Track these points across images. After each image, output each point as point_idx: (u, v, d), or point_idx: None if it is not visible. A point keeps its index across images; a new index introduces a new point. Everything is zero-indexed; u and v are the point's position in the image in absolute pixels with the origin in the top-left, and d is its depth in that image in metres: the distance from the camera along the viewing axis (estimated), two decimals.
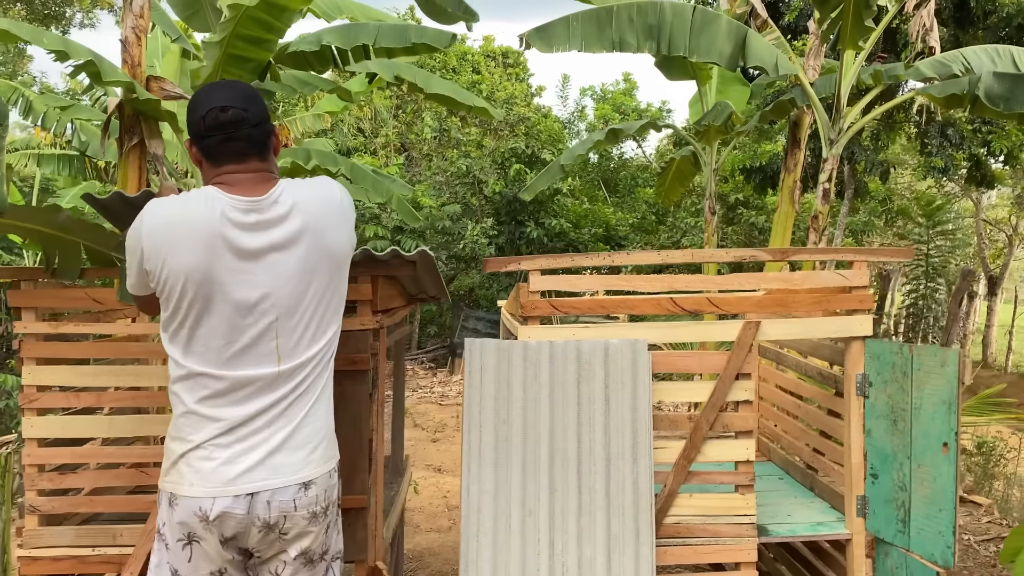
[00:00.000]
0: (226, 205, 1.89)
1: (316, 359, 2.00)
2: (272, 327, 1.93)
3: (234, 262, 1.88)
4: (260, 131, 1.98)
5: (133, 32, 5.83)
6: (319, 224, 1.97)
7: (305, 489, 1.95)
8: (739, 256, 2.92)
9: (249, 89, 2.00)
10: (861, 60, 6.45)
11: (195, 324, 1.90)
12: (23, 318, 2.73)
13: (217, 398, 1.91)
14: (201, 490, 1.88)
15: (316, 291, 1.98)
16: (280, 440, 1.93)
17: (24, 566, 2.72)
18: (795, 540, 3.05)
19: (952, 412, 2.57)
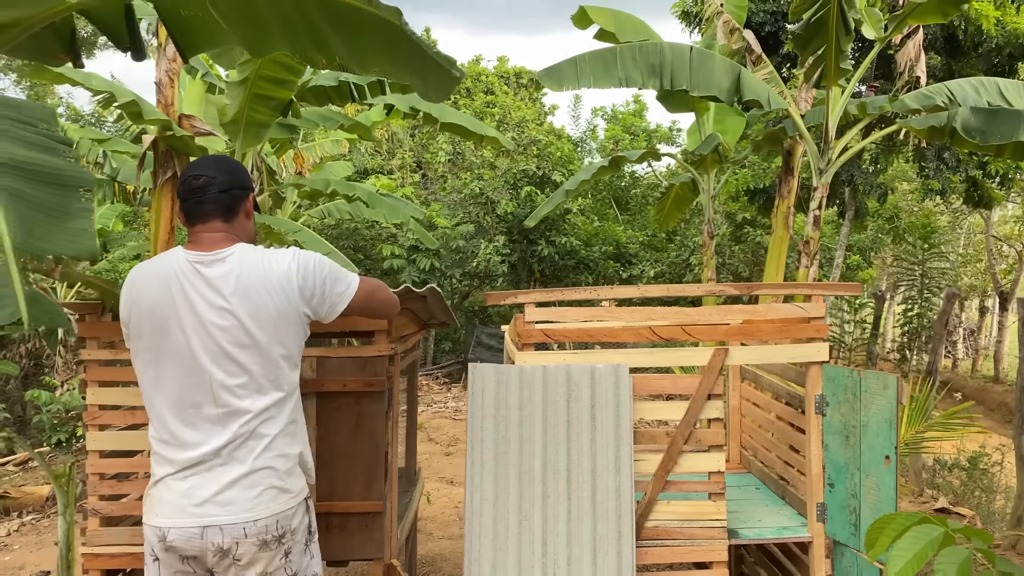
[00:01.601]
0: (182, 258, 2.20)
1: (264, 410, 2.22)
2: (207, 373, 2.17)
3: (180, 310, 2.16)
4: (226, 196, 2.25)
5: (167, 75, 6.28)
6: (248, 289, 2.18)
7: (255, 521, 2.18)
8: (709, 291, 3.31)
9: (228, 163, 2.31)
10: (848, 95, 6.83)
11: (154, 364, 2.22)
12: (87, 346, 3.15)
13: (170, 439, 2.22)
14: (162, 520, 2.18)
15: (252, 350, 2.19)
16: (231, 479, 2.16)
17: (87, 561, 3.13)
18: (763, 542, 3.42)
19: (892, 429, 2.93)
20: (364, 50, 2.28)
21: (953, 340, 21.97)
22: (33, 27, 2.34)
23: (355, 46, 2.28)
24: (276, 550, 2.21)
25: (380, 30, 2.17)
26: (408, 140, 18.47)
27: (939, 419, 5.43)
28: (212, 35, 2.64)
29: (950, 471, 7.07)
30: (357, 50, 2.29)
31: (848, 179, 11.22)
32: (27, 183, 1.42)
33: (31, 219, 1.36)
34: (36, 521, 6.66)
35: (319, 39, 2.39)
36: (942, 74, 9.75)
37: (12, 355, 13.14)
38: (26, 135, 1.56)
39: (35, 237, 1.33)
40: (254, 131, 6.64)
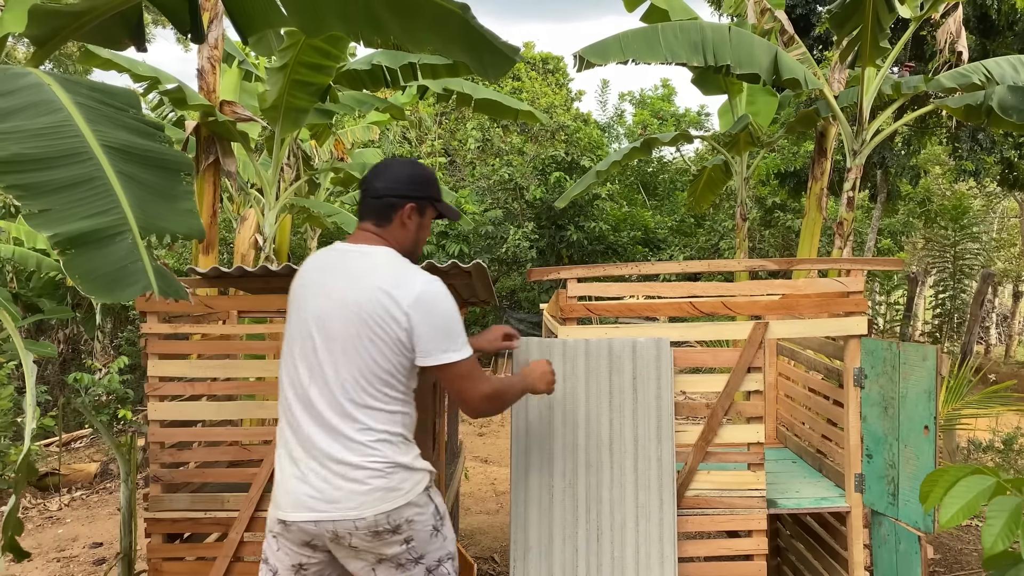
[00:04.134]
0: (330, 249, 2.38)
1: (371, 408, 2.21)
2: (321, 364, 2.22)
3: (312, 288, 2.30)
4: (379, 203, 2.35)
5: (209, 62, 6.42)
6: (359, 294, 2.20)
7: (363, 518, 2.17)
8: (750, 266, 3.37)
9: (398, 171, 2.39)
10: (883, 74, 6.80)
11: (286, 343, 2.33)
12: (148, 320, 3.29)
13: (289, 423, 2.28)
14: (281, 505, 2.24)
15: (361, 351, 2.20)
16: (340, 472, 2.17)
17: (149, 526, 3.28)
18: (801, 512, 3.49)
19: (931, 400, 2.99)
20: (419, 29, 2.37)
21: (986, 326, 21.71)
22: (105, 14, 2.46)
23: (411, 26, 2.36)
24: (391, 538, 2.21)
25: (437, 12, 2.26)
26: (436, 128, 18.57)
27: (977, 397, 5.44)
28: (268, 15, 2.75)
29: (984, 452, 7.06)
30: (412, 29, 2.38)
31: (880, 162, 11.15)
32: (138, 167, 1.53)
33: (147, 201, 1.47)
34: (86, 496, 6.89)
35: (374, 19, 2.47)
36: (976, 54, 9.62)
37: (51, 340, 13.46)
38: (126, 120, 1.67)
39: (153, 217, 1.44)
40: (293, 117, 6.77)
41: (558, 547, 3.18)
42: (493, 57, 2.38)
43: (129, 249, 1.36)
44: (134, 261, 1.35)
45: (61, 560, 5.25)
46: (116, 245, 1.36)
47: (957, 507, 1.57)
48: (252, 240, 7.39)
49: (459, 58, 2.47)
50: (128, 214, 1.40)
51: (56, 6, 2.24)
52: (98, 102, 1.67)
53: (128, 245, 1.37)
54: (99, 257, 1.35)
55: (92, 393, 8.80)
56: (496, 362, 14.39)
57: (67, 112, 1.58)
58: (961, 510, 1.56)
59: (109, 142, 1.55)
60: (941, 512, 1.69)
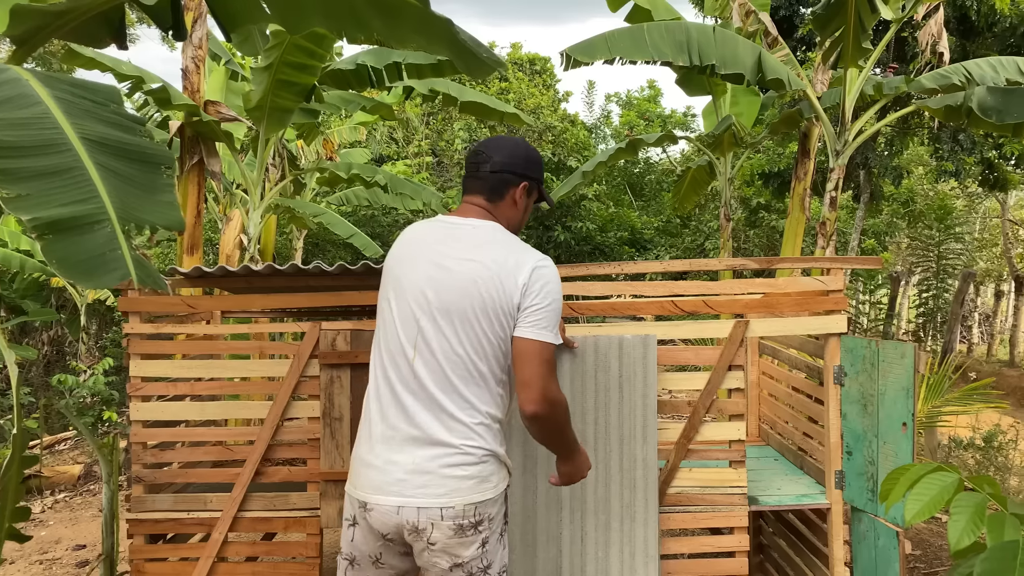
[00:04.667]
0: (436, 221, 2.27)
1: (479, 387, 2.13)
2: (427, 338, 2.12)
3: (418, 261, 2.17)
4: (495, 177, 2.26)
5: (193, 62, 6.40)
6: (474, 268, 2.12)
7: (452, 507, 2.08)
8: (731, 265, 3.40)
9: (515, 148, 2.31)
10: (865, 75, 6.86)
11: (386, 318, 2.22)
12: (130, 320, 3.29)
13: (381, 400, 2.18)
14: (361, 486, 2.15)
15: (474, 325, 2.11)
16: (435, 455, 2.08)
17: (131, 527, 3.28)
18: (782, 509, 3.53)
19: (909, 397, 3.03)
20: (403, 28, 2.38)
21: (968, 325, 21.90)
22: (87, 13, 2.46)
23: (395, 24, 2.37)
24: (471, 537, 2.12)
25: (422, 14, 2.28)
26: (423, 128, 18.55)
27: (957, 395, 5.50)
28: (250, 12, 2.74)
29: (965, 450, 7.13)
30: (396, 28, 2.39)
31: (863, 162, 11.24)
32: (118, 160, 1.54)
33: (126, 192, 1.48)
34: (69, 498, 6.85)
35: (358, 16, 2.48)
36: (956, 55, 9.71)
37: (34, 342, 13.36)
38: (106, 115, 1.68)
39: (132, 208, 1.45)
40: (278, 116, 6.76)
41: (542, 546, 3.19)
42: (478, 61, 2.40)
43: (108, 237, 1.38)
44: (113, 249, 1.36)
45: (44, 563, 5.22)
46: (95, 233, 1.38)
47: (921, 504, 1.60)
48: (237, 240, 7.37)
49: (443, 55, 2.48)
50: (107, 203, 1.41)
51: (38, 5, 2.24)
52: (78, 97, 1.68)
53: (107, 233, 1.38)
54: (78, 244, 1.36)
55: (76, 395, 8.74)
56: None
57: (45, 106, 1.59)
58: (925, 506, 1.59)
59: (88, 135, 1.56)
60: (905, 509, 1.72)
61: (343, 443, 3.25)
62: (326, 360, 3.24)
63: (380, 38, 2.49)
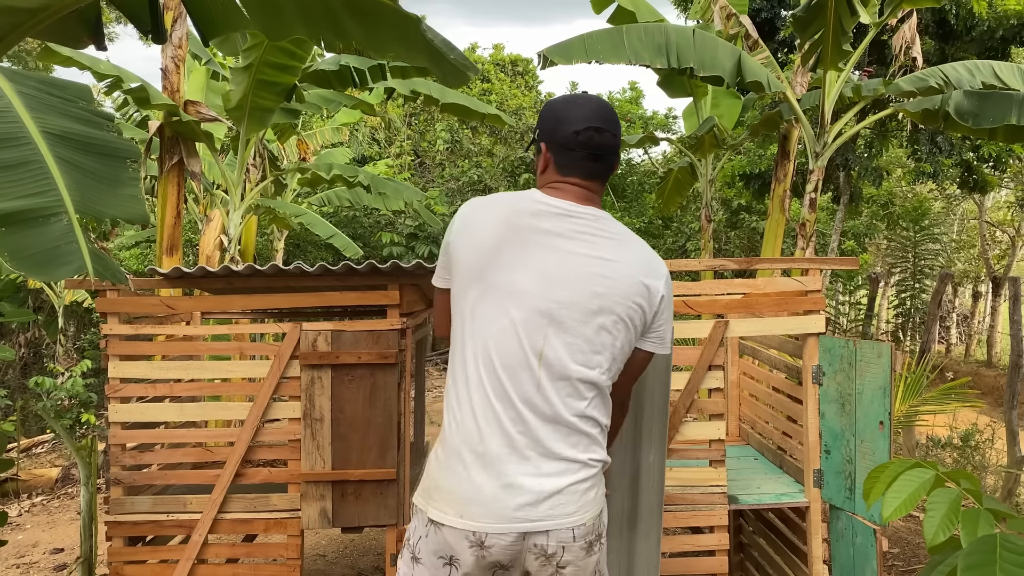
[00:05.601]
0: (540, 204, 1.89)
1: (602, 397, 1.90)
2: (540, 334, 1.83)
3: (524, 247, 1.84)
4: (617, 156, 1.99)
5: (173, 61, 6.37)
6: (617, 272, 1.85)
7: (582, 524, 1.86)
8: (711, 266, 3.42)
9: (612, 110, 1.97)
10: (844, 78, 6.93)
11: (486, 313, 1.88)
12: (108, 321, 3.26)
13: (482, 408, 1.87)
14: (472, 515, 1.82)
15: (595, 324, 1.84)
16: (559, 470, 1.84)
17: (109, 529, 3.25)
18: (762, 508, 3.55)
19: (886, 395, 3.06)
20: (382, 36, 2.38)
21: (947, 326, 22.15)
22: (62, 11, 2.44)
23: (373, 32, 2.37)
24: (597, 552, 1.93)
25: (398, 19, 2.28)
26: (405, 128, 18.52)
27: (934, 394, 5.56)
28: (230, 19, 2.74)
29: (943, 449, 7.22)
30: (375, 36, 2.39)
31: (843, 163, 11.35)
32: (80, 154, 1.54)
33: (87, 186, 1.47)
34: (46, 502, 6.78)
35: (336, 24, 2.48)
36: (935, 59, 9.84)
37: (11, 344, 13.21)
38: (73, 110, 1.67)
39: (92, 201, 1.45)
40: (259, 116, 6.74)
41: None
42: (451, 67, 2.40)
43: (64, 230, 1.37)
44: (68, 242, 1.35)
45: (21, 567, 5.16)
46: (51, 226, 1.37)
47: (899, 500, 1.61)
48: (217, 241, 7.33)
49: (421, 64, 2.49)
50: (65, 196, 1.40)
51: (11, 2, 2.22)
52: (44, 93, 1.67)
53: (63, 226, 1.37)
54: (32, 236, 1.35)
55: (54, 397, 8.65)
56: None
57: (7, 100, 1.58)
58: (903, 503, 1.61)
59: (50, 128, 1.55)
60: (884, 506, 1.73)
61: (323, 444, 3.24)
62: (307, 361, 3.23)
63: (359, 46, 2.49)
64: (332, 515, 3.27)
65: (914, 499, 1.70)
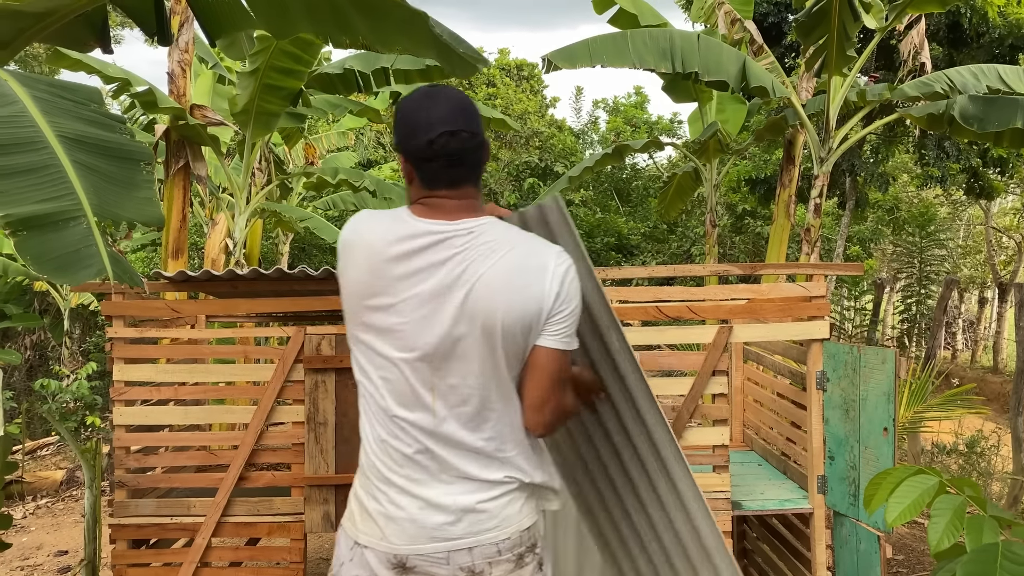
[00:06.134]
0: (409, 237, 1.76)
1: (492, 414, 1.79)
2: (427, 371, 1.76)
3: (392, 289, 1.75)
4: (482, 153, 1.83)
5: (179, 65, 6.40)
6: (486, 288, 1.72)
7: (507, 537, 1.79)
8: (715, 271, 3.42)
9: (468, 102, 1.83)
10: (849, 84, 6.92)
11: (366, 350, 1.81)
12: (113, 324, 3.27)
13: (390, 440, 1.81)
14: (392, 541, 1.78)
15: (480, 349, 1.74)
16: (468, 504, 1.78)
17: (113, 532, 3.26)
18: (765, 513, 3.54)
19: (890, 402, 3.05)
20: (387, 30, 2.39)
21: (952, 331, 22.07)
22: (68, 16, 2.45)
23: (378, 26, 2.38)
24: (531, 562, 1.83)
25: (403, 13, 2.28)
26: None
27: (939, 400, 5.55)
28: (236, 18, 2.75)
29: (948, 455, 7.19)
30: (380, 30, 2.40)
31: (849, 169, 11.31)
32: (95, 157, 1.54)
33: (103, 189, 1.48)
34: (51, 504, 6.79)
35: (342, 19, 2.49)
36: (944, 64, 9.80)
37: (17, 347, 13.25)
38: (85, 113, 1.68)
39: (109, 204, 1.45)
40: (264, 120, 6.75)
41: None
42: (459, 59, 2.41)
43: (83, 234, 1.37)
44: (88, 245, 1.36)
45: (25, 568, 5.17)
46: (70, 229, 1.37)
47: (903, 507, 1.61)
48: (223, 245, 7.35)
49: (428, 56, 2.49)
50: (83, 200, 1.41)
51: (17, 6, 2.23)
52: (57, 96, 1.68)
53: (82, 230, 1.38)
54: (52, 240, 1.36)
55: (59, 400, 8.68)
56: None
57: (22, 104, 1.59)
58: (906, 509, 1.61)
59: (65, 132, 1.56)
60: (887, 512, 1.73)
61: (327, 448, 3.24)
62: (311, 364, 3.23)
63: (365, 41, 2.49)
64: (335, 519, 3.27)
65: (918, 506, 1.70)
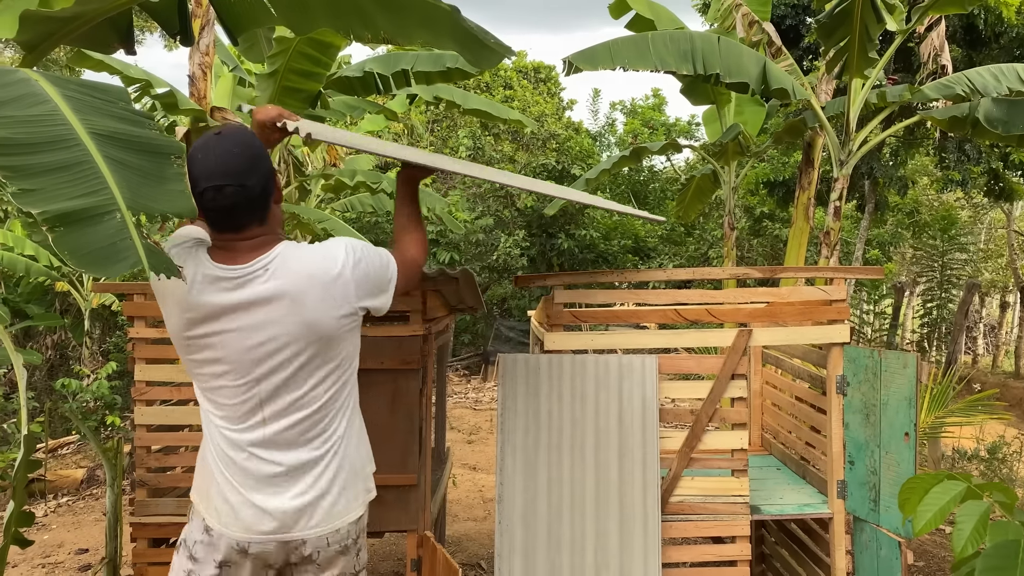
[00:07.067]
0: (210, 287, 1.94)
1: (309, 421, 2.06)
2: (248, 388, 1.99)
3: (209, 324, 1.95)
4: (260, 200, 1.97)
5: (200, 68, 6.45)
6: (299, 296, 1.97)
7: (336, 531, 2.10)
8: (733, 274, 3.41)
9: (243, 149, 1.94)
10: (869, 85, 6.87)
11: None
12: (135, 325, 3.30)
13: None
14: (237, 532, 2.04)
15: (295, 360, 2.00)
16: (300, 505, 2.05)
17: (134, 531, 3.28)
18: (784, 518, 3.52)
19: (911, 406, 3.02)
20: (408, 23, 2.40)
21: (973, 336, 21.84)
22: (96, 19, 2.48)
23: (399, 19, 2.39)
24: (353, 552, 2.19)
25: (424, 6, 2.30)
26: (427, 135, 18.61)
27: (960, 406, 5.49)
28: (256, 14, 2.77)
29: (969, 461, 7.12)
30: (401, 23, 2.41)
31: (868, 172, 11.24)
32: (127, 152, 1.57)
33: (136, 183, 1.51)
34: (72, 502, 6.86)
35: (362, 13, 2.50)
36: (963, 65, 9.69)
37: (39, 346, 13.39)
38: (115, 111, 1.70)
39: (142, 197, 1.48)
40: None
41: (542, 555, 3.19)
42: (484, 50, 2.42)
43: (118, 227, 1.40)
44: (123, 239, 1.39)
45: (46, 566, 5.22)
46: (105, 223, 1.40)
47: (931, 513, 1.60)
48: None
49: (449, 48, 2.50)
50: (116, 194, 1.44)
51: (47, 11, 2.26)
52: (87, 95, 1.71)
53: (117, 223, 1.41)
54: (88, 234, 1.39)
55: (80, 399, 8.77)
56: (485, 370, 14.42)
57: (55, 103, 1.62)
58: (934, 516, 1.59)
59: (97, 129, 1.59)
60: (915, 519, 1.71)
61: None
62: None
63: (387, 35, 2.51)
64: None
65: (944, 512, 1.68)
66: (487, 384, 13.76)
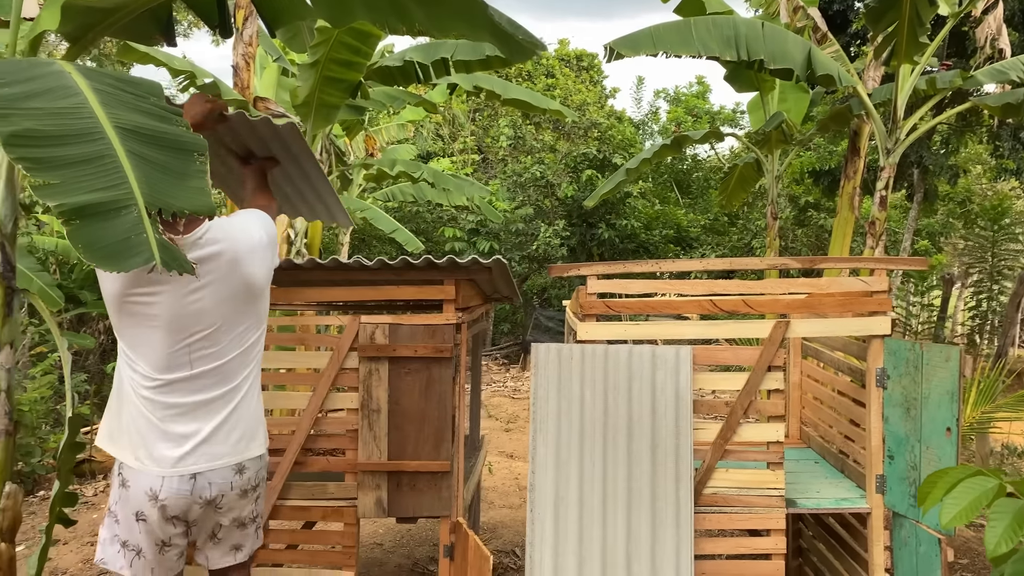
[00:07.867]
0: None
1: (234, 365, 2.46)
2: (184, 339, 2.36)
3: (154, 286, 2.30)
4: None
5: (243, 59, 6.54)
6: (238, 255, 2.42)
7: (240, 473, 2.46)
8: (772, 264, 3.36)
9: None
10: (919, 71, 6.69)
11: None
12: None
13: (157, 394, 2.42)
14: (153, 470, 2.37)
15: (230, 310, 2.42)
16: (210, 430, 2.40)
17: None
18: (821, 512, 3.47)
19: (954, 401, 2.95)
20: (444, 16, 2.41)
21: None
22: (136, 11, 2.53)
23: (435, 12, 2.40)
24: (251, 497, 2.56)
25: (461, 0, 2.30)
26: (469, 124, 18.63)
27: (1009, 400, 5.34)
28: (296, 8, 2.80)
29: (1019, 457, 6.92)
30: (437, 16, 2.42)
31: (917, 160, 10.96)
32: (149, 147, 1.60)
33: (156, 178, 1.53)
34: None
35: (398, 6, 2.51)
36: (1019, 51, 9.41)
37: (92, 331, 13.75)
38: (143, 106, 1.74)
39: (160, 193, 1.51)
40: (325, 112, 6.85)
41: (573, 543, 3.20)
42: (518, 45, 2.42)
43: (134, 222, 1.44)
44: (138, 234, 1.42)
45: (94, 544, 5.37)
46: (121, 218, 1.44)
47: (959, 508, 1.56)
48: (284, 235, 7.50)
49: (484, 41, 2.51)
50: (135, 189, 1.47)
51: (88, 3, 2.31)
52: (118, 89, 1.75)
53: (133, 218, 1.44)
54: (103, 228, 1.42)
55: None
56: (524, 359, 14.43)
57: (83, 96, 1.65)
58: (963, 511, 1.56)
59: (122, 124, 1.62)
60: (941, 513, 1.68)
61: (380, 435, 3.30)
62: (365, 353, 3.29)
63: (421, 28, 2.52)
64: (387, 505, 3.33)
65: (975, 507, 1.64)
66: (526, 373, 13.78)
